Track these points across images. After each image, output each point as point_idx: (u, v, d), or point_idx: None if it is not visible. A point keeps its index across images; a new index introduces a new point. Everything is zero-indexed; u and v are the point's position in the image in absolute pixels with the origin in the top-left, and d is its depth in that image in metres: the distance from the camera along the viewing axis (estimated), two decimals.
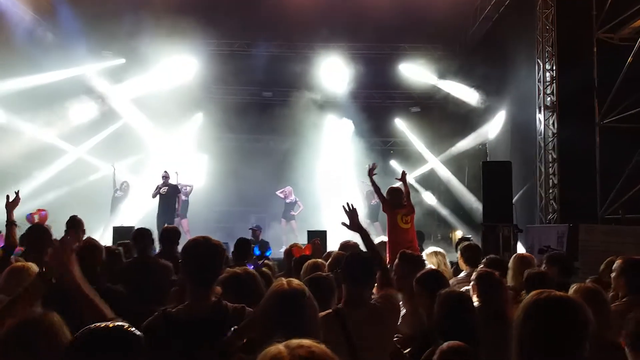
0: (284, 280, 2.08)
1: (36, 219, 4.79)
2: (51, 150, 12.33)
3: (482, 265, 4.12)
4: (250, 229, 9.93)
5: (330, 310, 2.59)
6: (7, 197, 4.26)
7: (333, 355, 1.21)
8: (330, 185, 14.58)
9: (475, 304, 2.95)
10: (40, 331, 1.68)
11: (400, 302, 3.45)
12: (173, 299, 3.08)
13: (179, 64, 13.82)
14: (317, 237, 6.15)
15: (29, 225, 4.68)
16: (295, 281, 2.09)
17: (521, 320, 1.69)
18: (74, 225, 4.92)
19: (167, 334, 2.17)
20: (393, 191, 6.42)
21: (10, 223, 4.13)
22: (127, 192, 12.42)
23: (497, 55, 12.03)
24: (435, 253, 4.63)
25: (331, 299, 2.76)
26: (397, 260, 3.69)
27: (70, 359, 1.45)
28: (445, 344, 2.24)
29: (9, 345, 1.66)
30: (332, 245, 6.14)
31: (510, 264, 4.09)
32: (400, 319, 3.28)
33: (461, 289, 3.49)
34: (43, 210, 4.87)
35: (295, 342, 1.21)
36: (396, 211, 6.13)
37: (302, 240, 9.04)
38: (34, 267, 2.88)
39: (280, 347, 1.20)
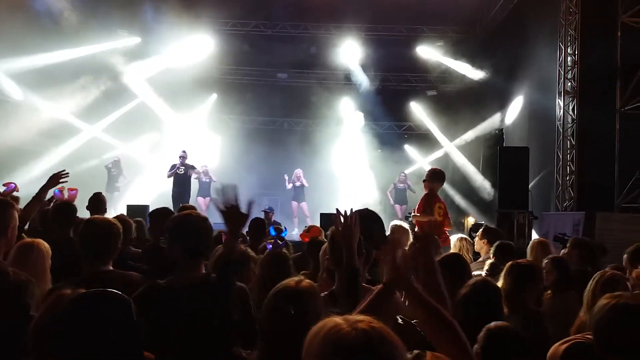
0: (293, 280, 2.01)
1: (65, 195, 4.76)
2: (67, 128, 12.40)
3: (492, 250, 4.12)
4: (262, 210, 9.93)
5: (326, 292, 2.52)
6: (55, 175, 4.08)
7: (391, 332, 1.19)
8: (344, 169, 14.56)
9: None
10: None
11: None
12: None
13: (194, 44, 13.75)
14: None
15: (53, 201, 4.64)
16: (305, 281, 2.01)
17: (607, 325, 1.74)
18: (97, 203, 4.92)
19: (156, 301, 2.23)
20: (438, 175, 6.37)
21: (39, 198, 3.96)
22: (119, 167, 12.48)
23: (517, 39, 11.79)
24: (461, 239, 4.72)
25: None
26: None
27: (64, 320, 1.48)
28: (493, 324, 2.21)
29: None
30: None
31: (529, 249, 4.06)
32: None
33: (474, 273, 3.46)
34: (74, 189, 4.85)
35: (353, 316, 1.21)
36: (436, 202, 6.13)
37: (315, 222, 9.02)
38: (43, 243, 2.87)
39: (338, 319, 1.20)
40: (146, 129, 13.95)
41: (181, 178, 11.12)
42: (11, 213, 2.62)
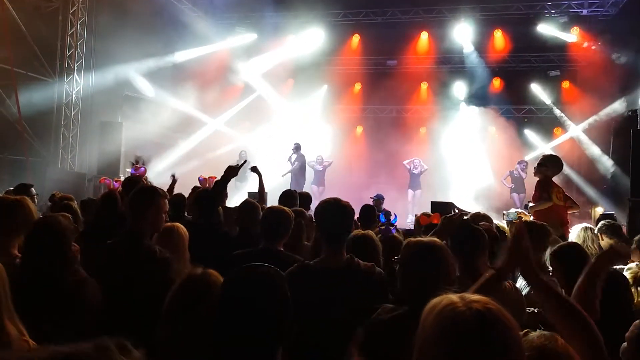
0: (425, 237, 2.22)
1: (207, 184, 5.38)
2: (193, 122, 13.41)
3: (634, 245, 3.79)
4: (371, 197, 9.95)
5: None
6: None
7: (508, 314, 1.17)
8: (458, 156, 14.12)
9: None
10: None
11: None
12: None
13: (305, 37, 14.14)
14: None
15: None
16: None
17: None
18: None
19: (305, 281, 2.41)
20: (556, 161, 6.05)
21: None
22: (247, 158, 13.10)
23: None
24: (585, 228, 4.20)
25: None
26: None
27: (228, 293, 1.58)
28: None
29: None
30: None
31: None
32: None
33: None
34: (214, 177, 5.44)
35: (469, 295, 1.20)
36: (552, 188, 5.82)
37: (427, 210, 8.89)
38: (182, 227, 3.15)
39: (454, 297, 1.20)
40: (263, 120, 14.64)
41: (293, 167, 11.66)
42: (159, 200, 2.88)
